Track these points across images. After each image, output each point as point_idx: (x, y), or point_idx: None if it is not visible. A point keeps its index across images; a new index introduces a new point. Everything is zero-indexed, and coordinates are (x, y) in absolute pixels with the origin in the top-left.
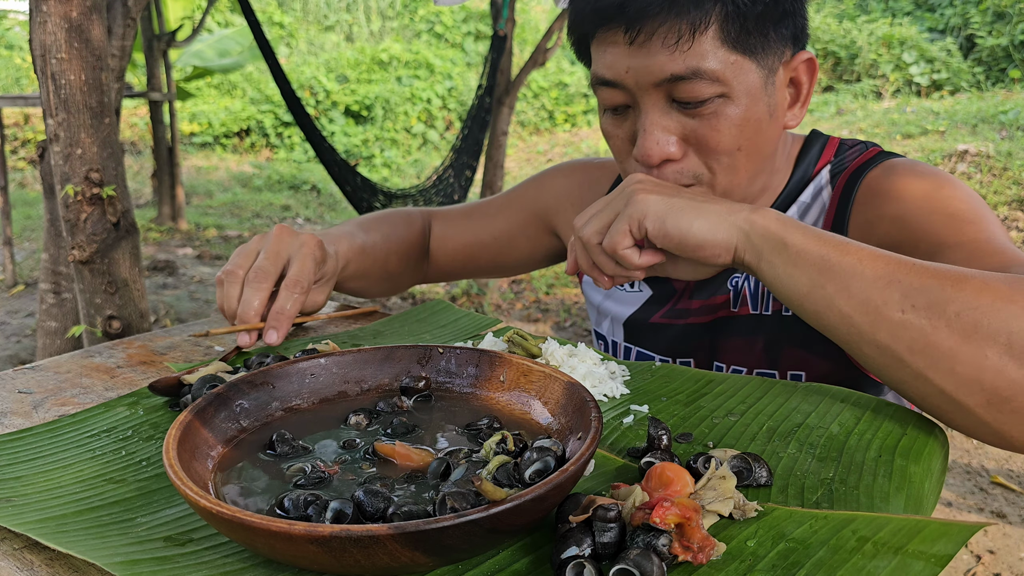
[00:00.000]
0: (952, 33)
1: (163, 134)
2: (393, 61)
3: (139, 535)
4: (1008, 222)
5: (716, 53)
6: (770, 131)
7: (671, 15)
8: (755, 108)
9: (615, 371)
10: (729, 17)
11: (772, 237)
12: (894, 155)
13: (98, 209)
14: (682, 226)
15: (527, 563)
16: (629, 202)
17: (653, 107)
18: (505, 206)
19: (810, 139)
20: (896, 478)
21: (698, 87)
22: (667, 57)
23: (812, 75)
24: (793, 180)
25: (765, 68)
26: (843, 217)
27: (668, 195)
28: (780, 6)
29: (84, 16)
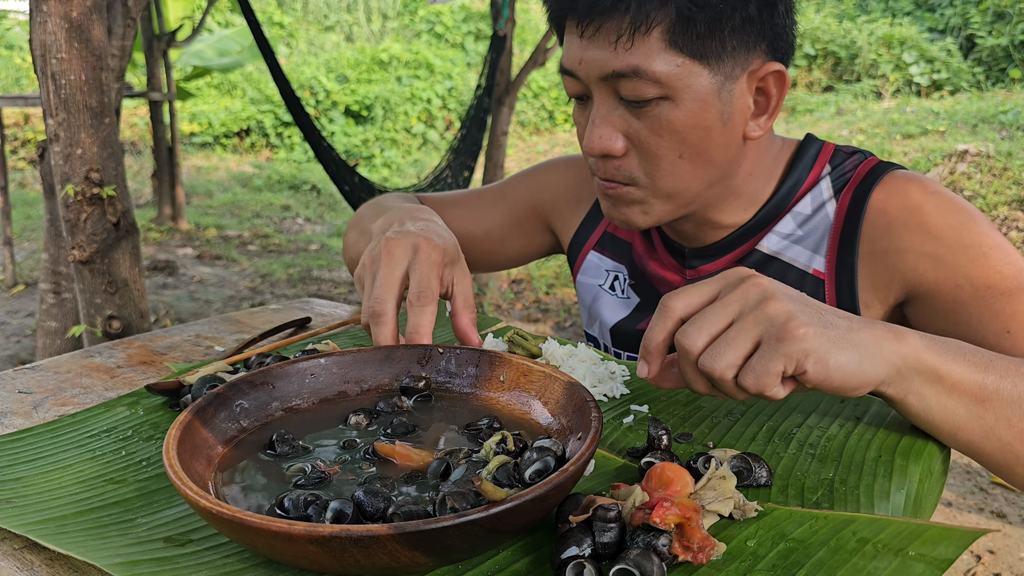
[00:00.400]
0: (952, 33)
1: (163, 134)
2: (393, 61)
3: (139, 536)
4: (1008, 222)
5: (661, 55)
6: (723, 139)
7: (616, 12)
8: (703, 114)
9: (615, 371)
10: (676, 20)
11: (925, 370)
12: (892, 165)
13: (98, 209)
14: (845, 369)
15: (527, 563)
16: (784, 336)
17: (602, 101)
18: (497, 200)
19: (804, 144)
20: (896, 478)
21: (640, 86)
22: (611, 53)
23: (781, 88)
24: (784, 187)
25: (720, 75)
26: (852, 238)
27: (819, 324)
28: (739, 13)
29: (84, 16)
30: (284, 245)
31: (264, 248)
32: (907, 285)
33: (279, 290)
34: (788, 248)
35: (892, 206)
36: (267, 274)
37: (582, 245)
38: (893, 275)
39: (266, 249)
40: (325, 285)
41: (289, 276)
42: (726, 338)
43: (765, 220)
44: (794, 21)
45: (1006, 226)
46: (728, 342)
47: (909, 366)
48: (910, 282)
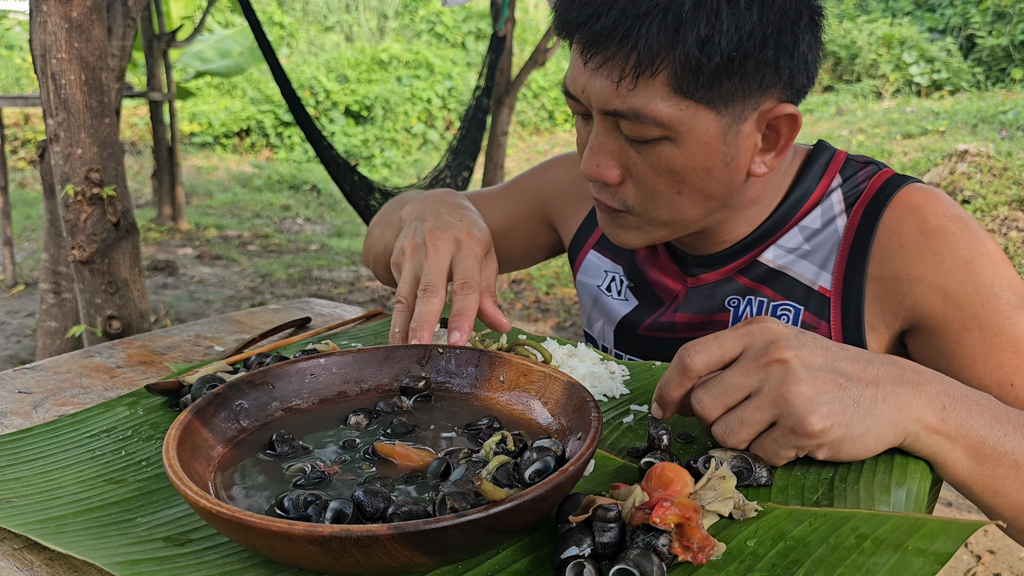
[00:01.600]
0: (952, 33)
1: (163, 134)
2: (393, 61)
3: (139, 535)
4: (1008, 222)
5: (665, 99)
6: (724, 178)
7: (621, 50)
8: (705, 157)
9: (615, 371)
10: (683, 65)
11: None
12: (906, 179)
13: (98, 209)
14: (857, 452)
15: (527, 563)
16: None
17: (601, 129)
18: (501, 199)
19: (814, 153)
20: (896, 476)
21: (640, 128)
22: (612, 91)
23: (792, 129)
24: (791, 198)
25: (728, 116)
26: (861, 258)
27: (839, 413)
28: (752, 58)
29: (84, 16)
30: (284, 245)
31: (264, 248)
32: (914, 316)
33: (279, 290)
34: (794, 263)
35: (907, 227)
36: (267, 274)
37: (583, 243)
38: (902, 303)
39: (266, 249)
40: (325, 285)
41: (289, 276)
42: (741, 416)
43: (769, 232)
44: (817, 54)
45: (1006, 226)
46: (743, 420)
47: (926, 433)
48: (918, 314)
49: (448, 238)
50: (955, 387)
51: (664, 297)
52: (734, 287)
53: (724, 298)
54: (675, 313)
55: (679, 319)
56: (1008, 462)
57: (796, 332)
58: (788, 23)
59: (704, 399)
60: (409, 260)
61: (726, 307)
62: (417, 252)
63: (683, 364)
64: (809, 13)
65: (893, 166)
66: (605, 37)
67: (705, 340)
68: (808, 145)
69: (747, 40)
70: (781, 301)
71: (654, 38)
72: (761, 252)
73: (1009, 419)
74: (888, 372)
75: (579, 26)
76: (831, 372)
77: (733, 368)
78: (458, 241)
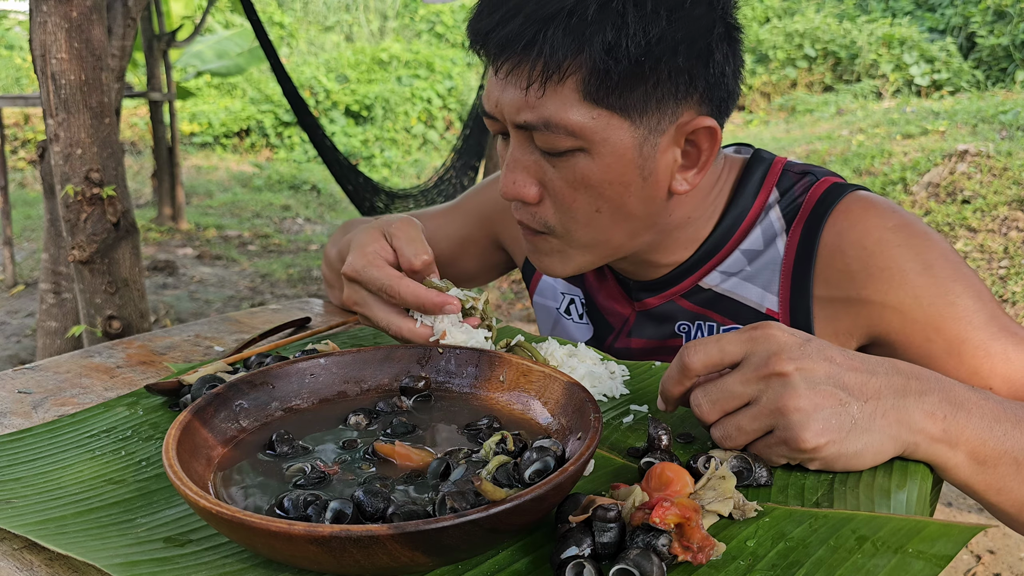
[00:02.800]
0: (952, 33)
1: (163, 134)
2: (393, 61)
3: (139, 536)
4: (1008, 222)
5: (576, 106)
6: (644, 194)
7: (528, 55)
8: (621, 169)
9: (615, 371)
10: (591, 70)
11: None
12: (844, 188)
13: (98, 209)
14: (850, 465)
15: (527, 563)
16: (793, 444)
17: (517, 144)
18: (449, 218)
19: (750, 166)
20: (896, 477)
21: (552, 138)
22: (522, 101)
23: (713, 143)
24: (726, 220)
25: (644, 128)
26: (805, 279)
27: (836, 429)
28: (664, 65)
29: (84, 16)
30: (284, 245)
31: (264, 248)
32: (872, 333)
33: (279, 290)
34: (739, 286)
35: (849, 245)
36: (267, 274)
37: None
38: (856, 322)
39: (266, 249)
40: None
41: (289, 276)
42: (738, 424)
43: (708, 255)
44: (737, 69)
45: (1006, 226)
46: (739, 428)
47: (925, 442)
48: (875, 331)
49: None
50: (957, 391)
51: (614, 322)
52: (681, 312)
53: (674, 323)
54: (629, 339)
55: (634, 344)
56: (1008, 460)
57: (801, 341)
58: (701, 31)
59: (703, 403)
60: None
61: (677, 332)
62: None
63: (682, 363)
64: (724, 25)
65: (893, 166)
66: (511, 43)
67: (706, 340)
68: (745, 156)
69: (656, 45)
70: (730, 325)
71: (559, 42)
72: (703, 276)
73: (1008, 416)
74: (891, 384)
75: (487, 34)
76: (833, 386)
77: (733, 375)
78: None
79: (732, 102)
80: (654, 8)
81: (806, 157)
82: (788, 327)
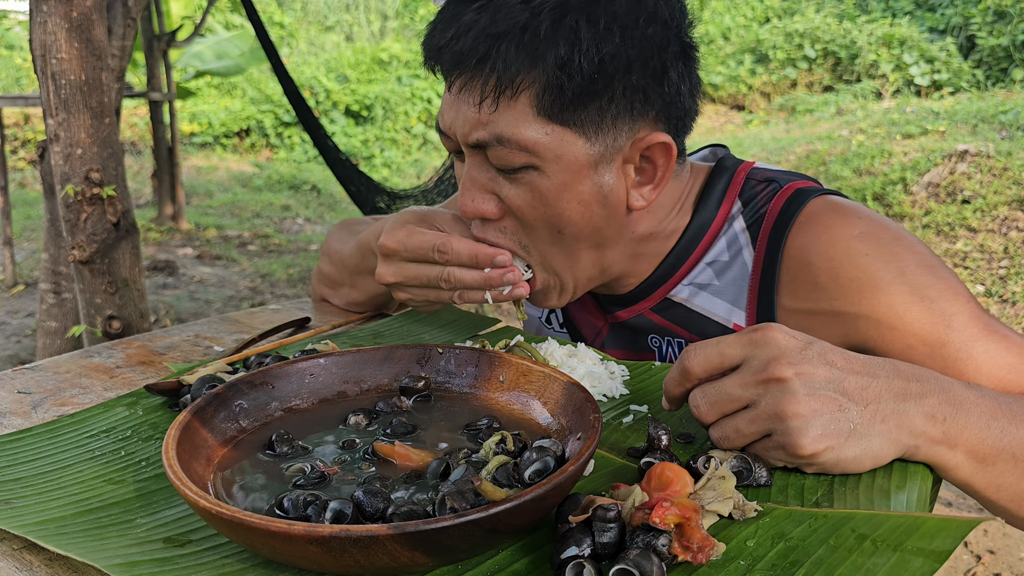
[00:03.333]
0: (952, 33)
1: (163, 134)
2: (393, 61)
3: (138, 536)
4: (1008, 222)
5: (529, 122)
6: (603, 211)
7: (480, 71)
8: (576, 185)
9: (615, 371)
10: (545, 86)
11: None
12: (807, 193)
13: (98, 209)
14: (847, 469)
15: (527, 563)
16: (791, 449)
17: (472, 164)
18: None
19: (713, 175)
20: (896, 477)
21: (505, 154)
22: (475, 118)
23: (668, 159)
24: (691, 228)
25: (600, 144)
26: (769, 291)
27: (834, 434)
28: (619, 82)
29: (84, 16)
30: (284, 245)
31: (264, 248)
32: (849, 344)
33: (279, 290)
34: (707, 300)
35: (816, 257)
36: (267, 274)
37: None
38: (831, 333)
39: (266, 249)
40: None
41: (289, 276)
42: (736, 427)
43: (674, 267)
44: (694, 88)
45: (1006, 226)
46: (737, 431)
47: (925, 443)
48: (852, 342)
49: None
50: (956, 390)
51: (587, 333)
52: (651, 326)
53: (646, 336)
54: (603, 349)
55: (611, 354)
56: (1007, 456)
57: (802, 345)
58: (655, 50)
59: (701, 404)
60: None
61: (650, 346)
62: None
63: (683, 366)
64: (679, 44)
65: (893, 166)
66: (465, 58)
67: (707, 343)
68: (710, 164)
69: (609, 62)
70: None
71: (512, 58)
72: (671, 289)
73: (1003, 412)
74: (891, 387)
75: (440, 50)
76: (832, 391)
77: (732, 377)
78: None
79: (690, 120)
80: (607, 25)
81: (806, 157)
82: (788, 329)
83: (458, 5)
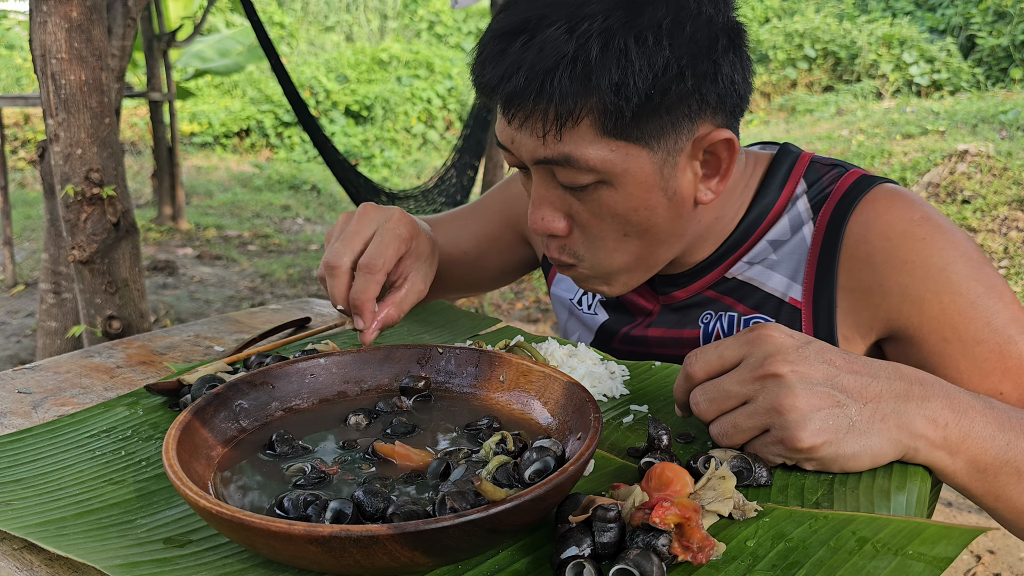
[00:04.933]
0: (953, 33)
1: (163, 134)
2: (393, 61)
3: (139, 536)
4: (1008, 222)
5: (594, 142)
6: (670, 212)
7: (539, 106)
8: (645, 195)
9: (615, 371)
10: (603, 111)
11: (956, 451)
12: (872, 180)
13: (98, 209)
14: (846, 467)
15: (527, 563)
16: (789, 444)
17: (539, 181)
18: (472, 218)
19: (777, 160)
20: (896, 478)
21: (573, 174)
22: (539, 144)
23: (731, 153)
24: (753, 212)
25: (662, 151)
26: (830, 268)
27: (832, 430)
28: (671, 91)
29: (84, 16)
30: (284, 245)
31: (264, 248)
32: (890, 327)
33: (279, 290)
34: (764, 274)
35: (874, 235)
36: (267, 274)
37: None
38: (876, 314)
39: (266, 249)
40: None
41: (289, 276)
42: (735, 423)
43: (734, 247)
44: (746, 73)
45: (1006, 226)
46: (735, 426)
47: (924, 447)
48: (894, 324)
49: (380, 211)
50: (960, 399)
51: (637, 314)
52: (706, 302)
53: (696, 315)
54: (647, 328)
55: (652, 334)
56: (1010, 469)
57: (799, 344)
58: (702, 51)
59: (701, 402)
60: (337, 230)
61: (697, 324)
62: (346, 223)
63: (686, 371)
64: (726, 35)
65: (893, 166)
66: (520, 96)
67: (706, 348)
68: (772, 151)
69: (662, 75)
70: (752, 315)
71: (568, 90)
72: (729, 267)
73: (1012, 425)
74: (892, 388)
75: (494, 88)
76: (830, 388)
77: (730, 375)
78: (389, 216)
79: (745, 103)
80: (655, 40)
81: None
82: (787, 328)
83: (499, 41)
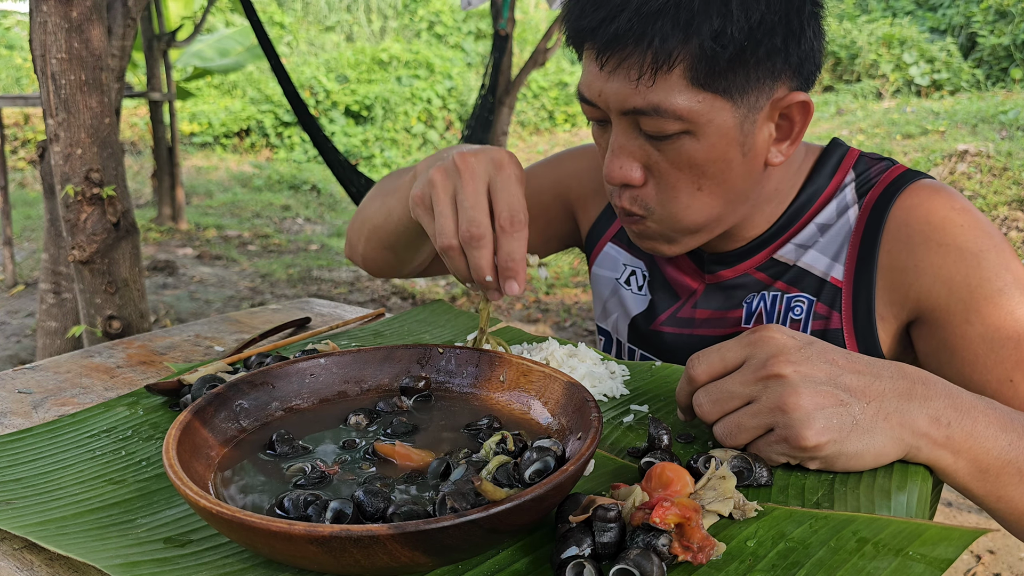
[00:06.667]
0: (953, 32)
1: (163, 134)
2: (393, 61)
3: (139, 536)
4: (1008, 222)
5: (683, 92)
6: (743, 169)
7: (637, 49)
8: (725, 148)
9: (615, 371)
10: (699, 57)
11: (958, 451)
12: (918, 174)
13: (98, 209)
14: (850, 465)
15: (527, 563)
16: (793, 442)
17: (621, 131)
18: (528, 179)
19: (828, 150)
20: (897, 478)
21: (661, 123)
22: (631, 90)
23: (805, 116)
24: (804, 195)
25: (744, 107)
26: (872, 248)
27: (836, 429)
28: (762, 46)
29: (84, 16)
30: (284, 245)
31: (264, 248)
32: (919, 306)
33: (279, 290)
34: (807, 253)
35: (915, 219)
36: (267, 274)
37: (600, 236)
38: (908, 293)
39: (266, 249)
40: (325, 285)
41: (289, 276)
42: (739, 422)
43: (784, 228)
44: (822, 43)
45: (1006, 226)
46: (739, 425)
47: (926, 446)
48: (922, 304)
49: (484, 159)
50: (963, 399)
51: (681, 293)
52: (751, 283)
53: (741, 295)
54: (694, 309)
55: (699, 315)
56: (1012, 470)
57: (801, 344)
58: (794, 10)
59: (704, 403)
60: (441, 188)
61: (740, 304)
62: (449, 177)
63: (688, 374)
64: (811, 3)
65: None
66: (620, 39)
67: (708, 350)
68: (821, 144)
69: (757, 28)
70: (794, 293)
71: (669, 34)
72: (777, 249)
73: (1014, 426)
74: (895, 387)
75: (593, 31)
76: (832, 387)
77: (733, 376)
78: (496, 162)
79: (818, 71)
80: None
81: None
82: (788, 330)
83: None
